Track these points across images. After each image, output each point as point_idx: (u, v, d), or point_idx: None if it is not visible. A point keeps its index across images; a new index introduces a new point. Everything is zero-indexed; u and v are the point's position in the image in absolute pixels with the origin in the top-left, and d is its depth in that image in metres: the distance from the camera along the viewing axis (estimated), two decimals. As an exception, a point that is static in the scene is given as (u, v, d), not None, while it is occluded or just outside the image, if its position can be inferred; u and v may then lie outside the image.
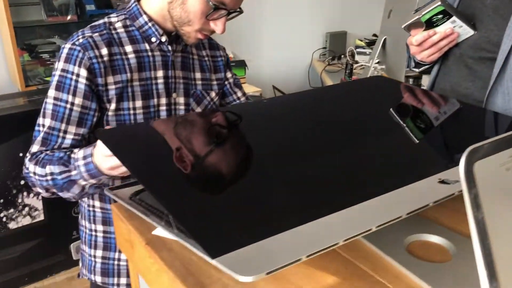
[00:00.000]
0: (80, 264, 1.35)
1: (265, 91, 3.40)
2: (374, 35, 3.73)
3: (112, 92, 1.12)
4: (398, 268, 0.69)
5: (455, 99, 1.18)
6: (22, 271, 1.93)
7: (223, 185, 0.74)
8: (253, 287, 0.66)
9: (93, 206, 1.23)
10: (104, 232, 1.24)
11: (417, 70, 1.45)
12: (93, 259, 1.26)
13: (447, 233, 0.76)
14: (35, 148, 1.10)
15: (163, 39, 1.16)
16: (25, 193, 1.92)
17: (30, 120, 1.26)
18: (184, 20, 1.12)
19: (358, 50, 3.49)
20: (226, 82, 1.34)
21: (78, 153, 1.03)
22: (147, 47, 1.16)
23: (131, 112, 1.14)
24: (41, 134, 1.10)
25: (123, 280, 1.26)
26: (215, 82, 1.31)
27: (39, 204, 1.95)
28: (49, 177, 1.05)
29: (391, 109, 1.06)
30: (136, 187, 0.90)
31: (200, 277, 0.68)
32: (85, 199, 1.24)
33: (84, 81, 1.09)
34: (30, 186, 1.14)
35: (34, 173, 1.08)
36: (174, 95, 1.20)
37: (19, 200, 1.91)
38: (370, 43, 3.57)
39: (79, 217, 1.32)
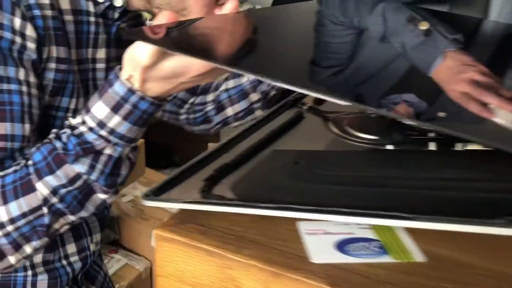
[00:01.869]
0: None
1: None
2: None
3: (50, 75, 0.67)
4: None
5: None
6: None
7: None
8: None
9: None
10: None
11: None
12: None
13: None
14: None
15: (119, 1, 0.73)
16: None
17: None
18: (177, 6, 0.68)
19: None
20: None
21: (94, 117, 0.58)
22: (90, 7, 0.71)
23: (67, 115, 0.69)
24: None
25: None
26: None
27: None
28: (54, 199, 0.59)
29: None
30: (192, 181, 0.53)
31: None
32: None
33: (33, 45, 0.63)
34: None
35: (11, 221, 0.59)
36: None
37: None
38: None
39: None
